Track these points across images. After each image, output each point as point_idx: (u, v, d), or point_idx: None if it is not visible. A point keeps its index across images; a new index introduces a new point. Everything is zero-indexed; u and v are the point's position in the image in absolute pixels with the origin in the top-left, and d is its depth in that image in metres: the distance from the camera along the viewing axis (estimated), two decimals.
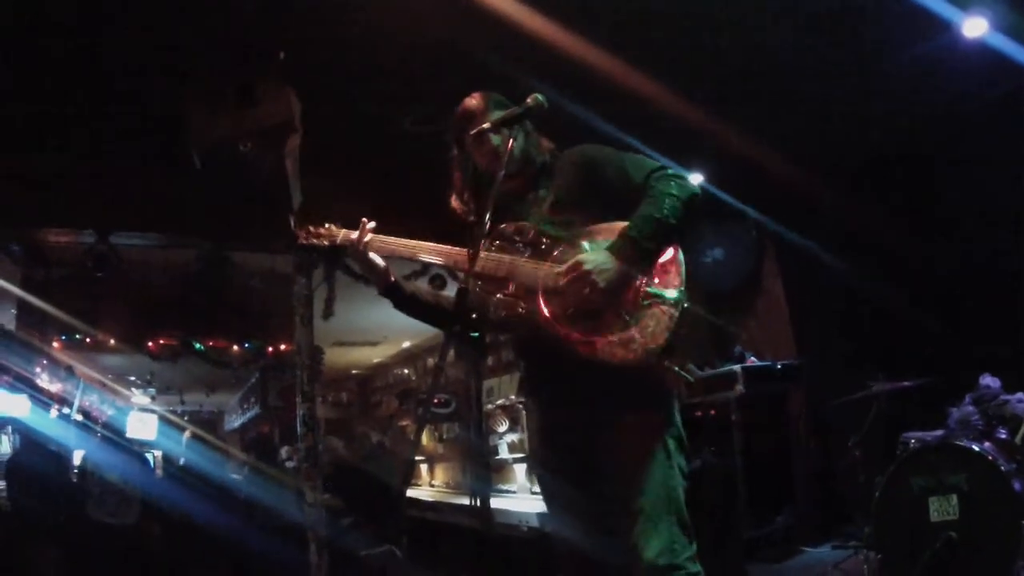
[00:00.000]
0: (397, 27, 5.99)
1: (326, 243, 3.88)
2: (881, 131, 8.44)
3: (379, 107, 7.16)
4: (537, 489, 11.42)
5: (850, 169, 8.66)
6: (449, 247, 3.66)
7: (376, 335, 16.29)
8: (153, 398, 14.61)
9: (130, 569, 8.23)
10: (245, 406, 16.59)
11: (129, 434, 11.70)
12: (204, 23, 5.84)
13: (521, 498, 11.09)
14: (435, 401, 12.21)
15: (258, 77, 6.21)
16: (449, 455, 14.69)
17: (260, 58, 6.16)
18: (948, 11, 6.23)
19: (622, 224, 3.35)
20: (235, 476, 11.68)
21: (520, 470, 11.45)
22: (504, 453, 11.86)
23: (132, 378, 14.20)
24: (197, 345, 11.23)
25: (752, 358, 9.06)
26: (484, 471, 10.91)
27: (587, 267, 3.24)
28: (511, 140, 3.47)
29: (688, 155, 7.54)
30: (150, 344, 11.24)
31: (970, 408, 6.66)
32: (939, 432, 6.42)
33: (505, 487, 11.70)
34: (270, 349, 12.41)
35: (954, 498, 5.64)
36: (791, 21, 6.43)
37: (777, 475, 8.17)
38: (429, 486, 16.14)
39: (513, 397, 11.57)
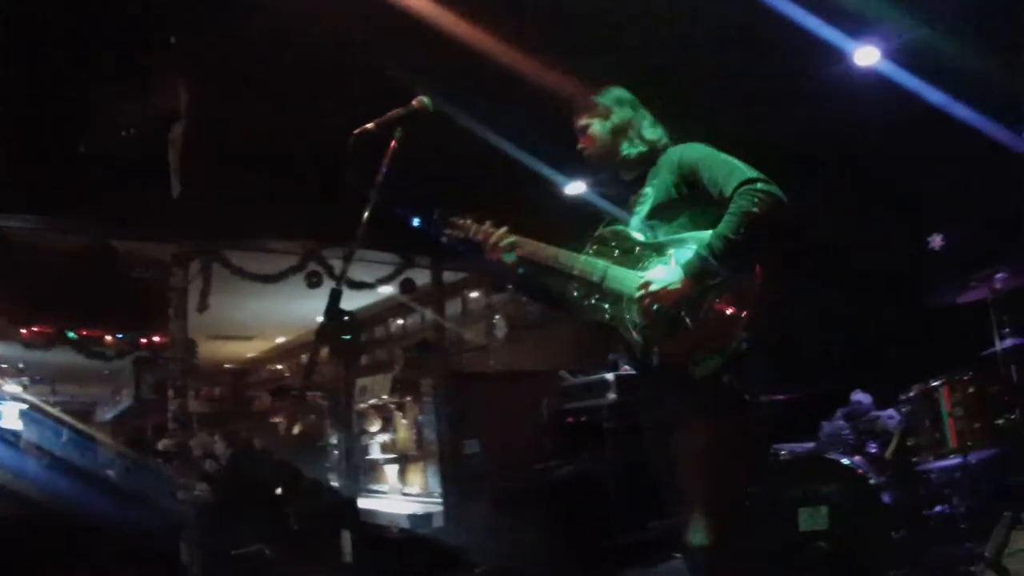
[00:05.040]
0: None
1: (462, 235, 4.14)
2: (780, 151, 8.61)
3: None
4: (408, 490, 11.43)
5: None
6: (554, 248, 3.96)
7: (251, 330, 16.17)
8: (25, 387, 14.24)
9: None
10: (118, 398, 16.28)
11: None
12: (105, 6, 5.73)
13: (392, 499, 11.00)
14: (308, 398, 12.09)
15: (151, 64, 6.13)
16: None
17: (155, 44, 6.07)
18: (841, 40, 6.47)
19: (709, 235, 3.57)
20: (108, 470, 11.45)
21: (391, 471, 11.36)
22: (376, 453, 11.77)
23: (4, 366, 13.86)
24: (70, 334, 10.97)
25: (626, 366, 9.09)
26: (354, 471, 10.81)
27: (654, 287, 3.56)
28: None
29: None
30: (24, 332, 10.96)
31: (841, 423, 6.80)
32: (811, 445, 6.52)
33: (376, 487, 11.59)
34: (144, 340, 12.16)
35: (824, 509, 5.72)
36: (699, 33, 6.57)
37: (649, 481, 8.21)
38: None
39: (386, 397, 11.52)
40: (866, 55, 6.91)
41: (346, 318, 3.36)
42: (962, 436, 5.91)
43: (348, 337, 3.39)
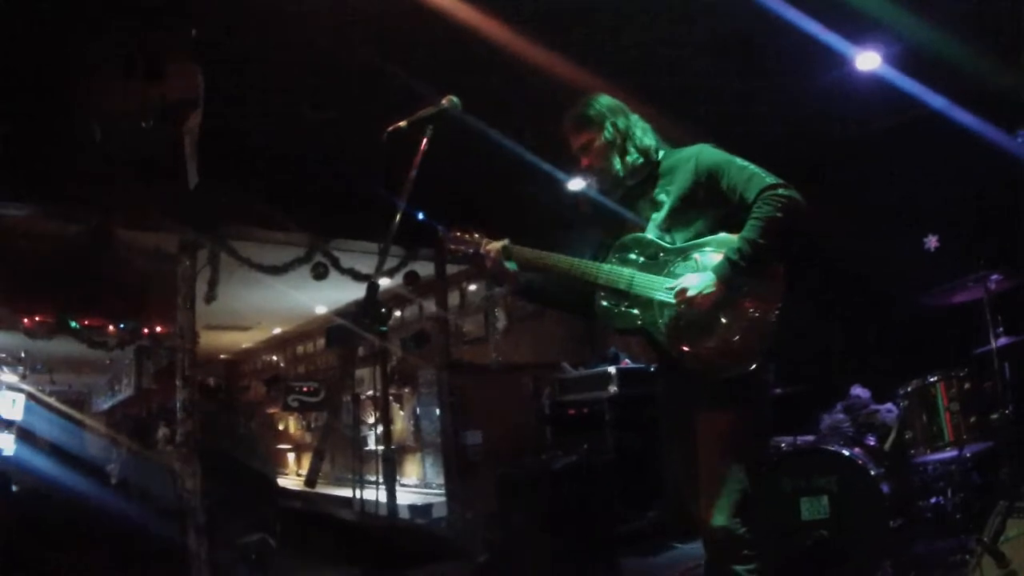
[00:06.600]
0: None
1: (470, 250, 4.27)
2: (780, 155, 8.75)
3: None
4: (406, 481, 11.53)
5: None
6: (576, 259, 4.07)
7: (249, 320, 16.19)
8: (24, 376, 14.20)
9: None
10: (116, 387, 16.31)
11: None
12: None
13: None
14: (303, 389, 12.17)
15: (165, 50, 6.14)
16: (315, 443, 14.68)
17: (170, 31, 6.09)
18: (842, 46, 6.62)
19: (729, 238, 3.78)
20: (110, 461, 11.48)
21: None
22: (373, 444, 11.85)
23: (3, 355, 13.81)
24: (73, 323, 10.97)
25: (627, 360, 9.24)
26: (359, 462, 10.90)
27: (691, 292, 3.69)
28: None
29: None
30: (26, 321, 10.93)
31: (841, 416, 6.95)
32: (810, 437, 6.66)
33: (374, 478, 11.71)
34: (146, 330, 12.16)
35: (825, 499, 5.84)
36: (698, 44, 6.68)
37: (648, 473, 8.35)
38: (296, 475, 16.06)
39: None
40: (867, 60, 7.05)
41: (383, 310, 3.52)
42: (957, 430, 6.11)
43: (384, 329, 3.55)
